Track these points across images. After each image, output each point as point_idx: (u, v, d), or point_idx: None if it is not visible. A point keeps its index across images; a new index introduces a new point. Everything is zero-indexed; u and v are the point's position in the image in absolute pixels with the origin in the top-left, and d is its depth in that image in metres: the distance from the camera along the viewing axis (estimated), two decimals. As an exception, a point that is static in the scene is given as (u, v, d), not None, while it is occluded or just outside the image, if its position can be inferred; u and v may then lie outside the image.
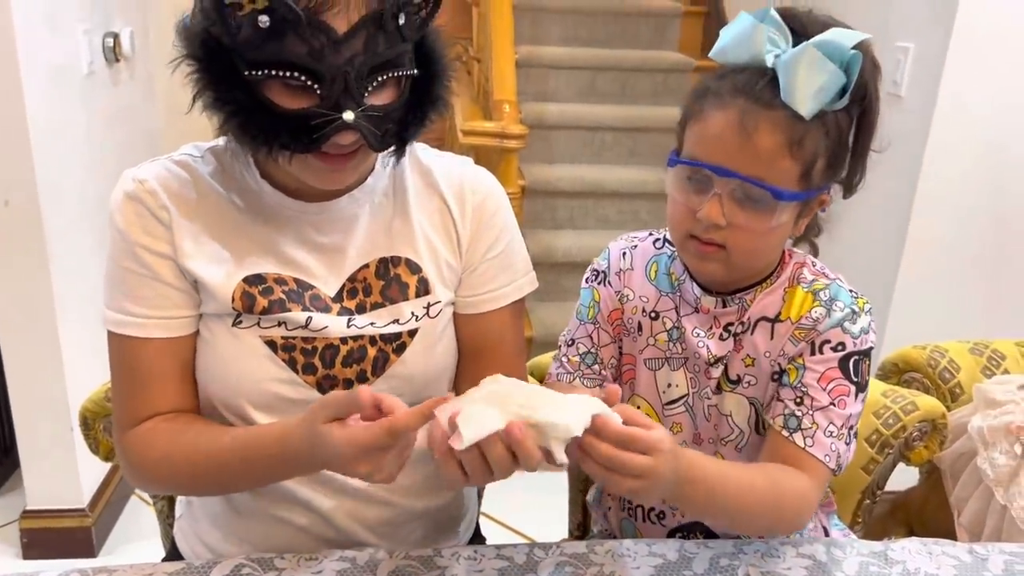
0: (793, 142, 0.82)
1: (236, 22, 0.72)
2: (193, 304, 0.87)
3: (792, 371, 0.91)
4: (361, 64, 0.74)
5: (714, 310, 0.94)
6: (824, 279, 0.93)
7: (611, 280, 1.02)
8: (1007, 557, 0.93)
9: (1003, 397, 1.24)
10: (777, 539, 0.93)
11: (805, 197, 0.86)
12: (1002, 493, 1.19)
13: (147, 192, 0.85)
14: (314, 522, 0.92)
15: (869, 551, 0.91)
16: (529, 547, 0.88)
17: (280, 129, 0.76)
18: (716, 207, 0.84)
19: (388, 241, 0.92)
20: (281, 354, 0.87)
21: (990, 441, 1.22)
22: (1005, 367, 1.39)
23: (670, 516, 1.02)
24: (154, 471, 0.89)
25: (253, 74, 0.74)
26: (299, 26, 0.71)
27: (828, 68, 0.80)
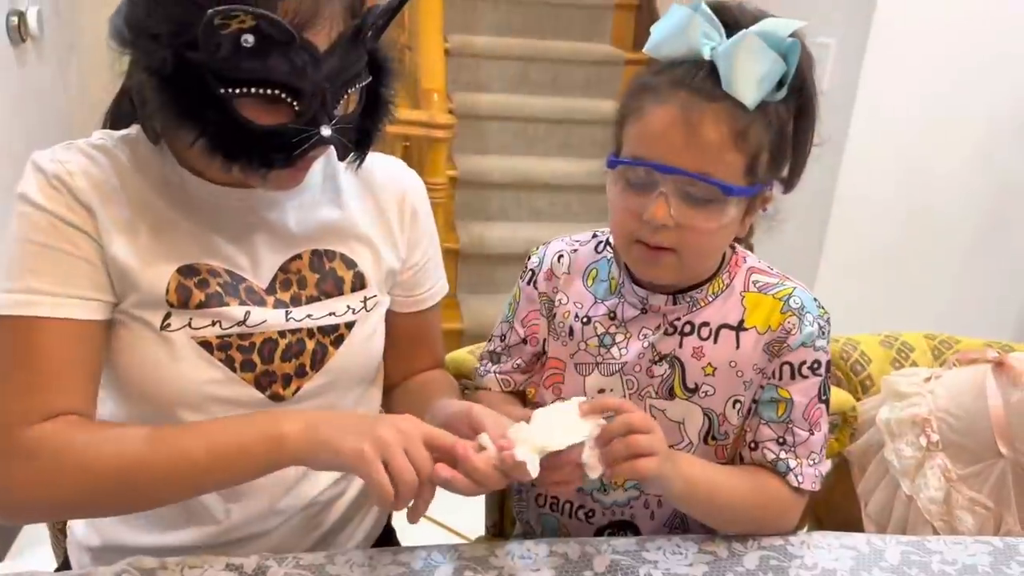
0: (738, 134, 0.80)
1: (217, 39, 0.67)
2: (106, 289, 0.80)
3: (780, 406, 0.91)
4: (336, 79, 0.74)
5: (663, 308, 0.92)
6: (787, 282, 0.93)
7: (537, 281, 1.01)
8: (904, 548, 0.94)
9: (909, 389, 1.26)
10: (680, 537, 0.92)
11: (752, 192, 0.84)
12: (908, 484, 1.21)
13: (68, 173, 0.79)
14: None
15: (769, 545, 0.91)
16: (427, 551, 0.86)
17: (256, 146, 0.74)
18: (663, 207, 0.82)
19: (321, 234, 0.90)
20: (217, 354, 0.83)
21: (897, 433, 1.24)
22: (914, 359, 1.41)
23: (599, 514, 1.00)
24: (70, 474, 0.75)
25: (229, 91, 0.71)
26: (284, 45, 0.69)
27: (769, 56, 0.79)
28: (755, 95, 0.79)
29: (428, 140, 2.49)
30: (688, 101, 0.80)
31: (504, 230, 3.03)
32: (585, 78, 3.37)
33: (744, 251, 0.96)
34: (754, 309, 0.91)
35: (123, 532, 0.91)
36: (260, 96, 0.71)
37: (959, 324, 1.60)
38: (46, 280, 0.77)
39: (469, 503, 1.52)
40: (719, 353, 0.91)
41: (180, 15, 0.69)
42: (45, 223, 0.78)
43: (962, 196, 2.18)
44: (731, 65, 0.79)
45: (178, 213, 0.83)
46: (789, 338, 0.89)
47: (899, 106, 2.06)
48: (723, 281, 0.92)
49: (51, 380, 0.77)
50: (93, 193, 0.79)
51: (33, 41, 2.15)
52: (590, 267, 0.99)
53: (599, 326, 0.96)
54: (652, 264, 0.87)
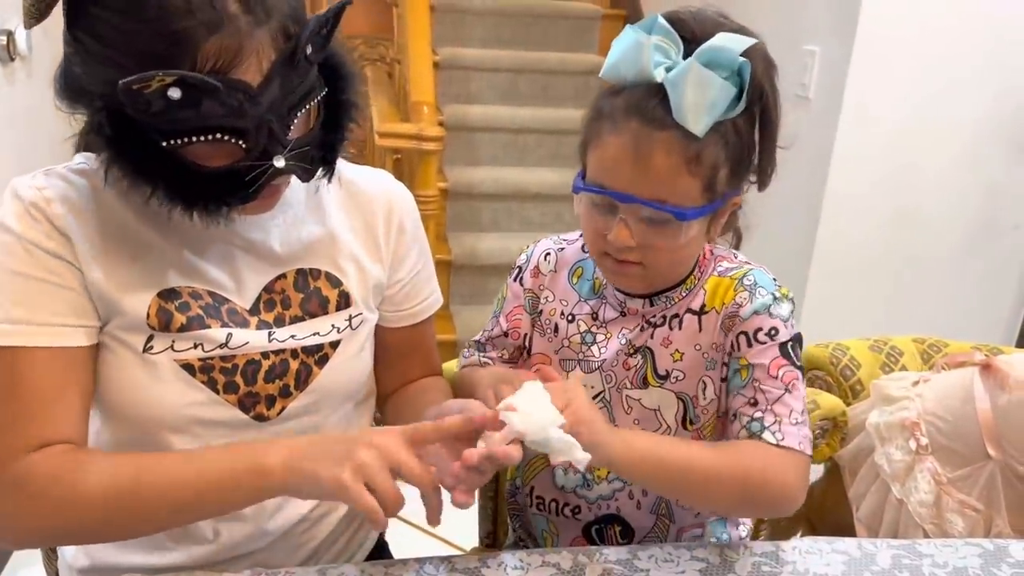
0: (690, 160, 0.81)
1: (143, 99, 0.67)
2: (90, 315, 0.80)
3: (742, 372, 0.90)
4: (280, 108, 0.72)
5: (642, 310, 0.95)
6: (745, 265, 0.94)
7: (524, 278, 1.04)
8: (895, 551, 0.94)
9: (899, 393, 1.27)
10: (672, 544, 0.93)
11: (712, 209, 0.86)
12: (899, 488, 1.22)
13: (46, 200, 0.78)
14: None
15: (761, 552, 0.92)
16: (419, 563, 0.86)
17: (212, 189, 0.74)
18: (624, 231, 0.85)
19: (305, 253, 0.90)
20: (200, 376, 0.83)
21: (887, 437, 1.25)
22: (903, 363, 1.42)
23: (585, 510, 1.01)
24: (64, 503, 0.75)
25: (172, 143, 0.70)
26: (212, 92, 0.68)
27: (715, 84, 0.79)
28: (703, 124, 0.80)
29: (418, 152, 2.49)
30: (639, 131, 0.82)
31: (496, 241, 3.03)
32: (574, 88, 3.39)
33: (718, 247, 0.98)
34: (713, 292, 0.93)
35: (113, 553, 0.91)
36: (204, 142, 0.70)
37: (948, 327, 1.61)
38: (28, 309, 0.77)
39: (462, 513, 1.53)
40: (684, 338, 0.93)
41: (108, 75, 0.67)
42: (23, 252, 0.77)
43: (949, 200, 2.20)
44: (679, 95, 0.80)
45: (159, 235, 0.83)
46: (740, 310, 0.90)
47: (885, 111, 2.08)
48: (695, 278, 0.95)
49: (39, 410, 0.77)
50: (71, 219, 0.78)
51: (22, 60, 2.15)
52: (576, 265, 1.01)
53: (582, 324, 0.98)
54: (621, 276, 0.91)
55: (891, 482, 1.23)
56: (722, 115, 0.81)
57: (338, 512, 0.99)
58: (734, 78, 0.81)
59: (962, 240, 2.25)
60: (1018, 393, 1.12)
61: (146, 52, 0.67)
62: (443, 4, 3.38)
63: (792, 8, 2.22)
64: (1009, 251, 2.29)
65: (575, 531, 1.03)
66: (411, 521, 2.11)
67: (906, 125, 2.10)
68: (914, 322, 2.11)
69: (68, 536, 0.81)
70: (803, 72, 2.17)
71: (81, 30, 0.70)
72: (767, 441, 0.86)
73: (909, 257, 2.21)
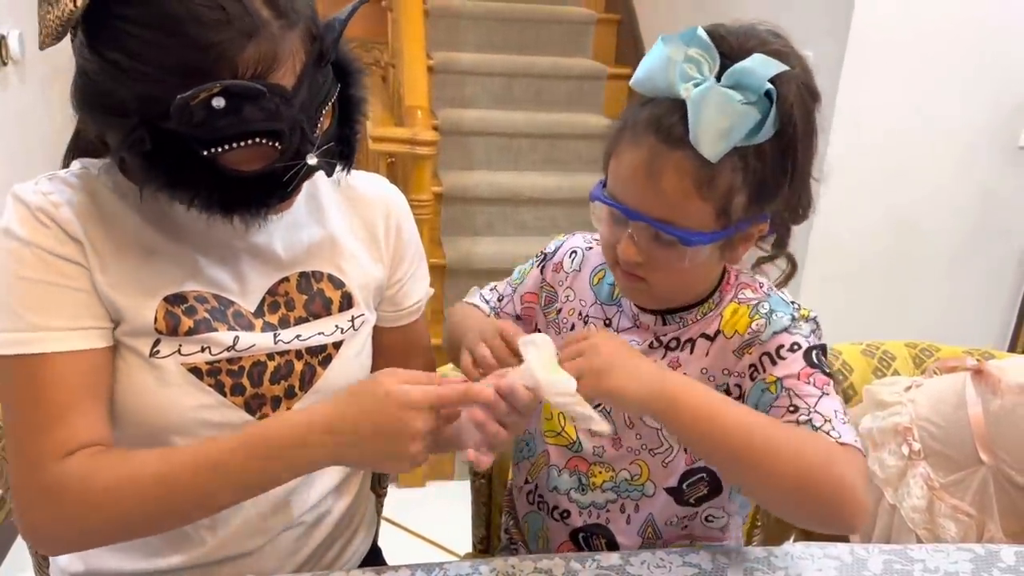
0: (702, 183, 0.79)
1: (188, 112, 0.67)
2: (104, 317, 0.80)
3: (771, 388, 0.84)
4: (310, 108, 0.74)
5: (653, 327, 0.94)
6: (764, 297, 0.90)
7: (546, 268, 1.04)
8: (887, 557, 0.95)
9: (891, 398, 1.27)
10: (664, 551, 0.93)
11: (724, 236, 0.83)
12: (891, 493, 1.22)
13: (53, 205, 0.77)
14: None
15: (754, 557, 0.92)
16: (411, 570, 0.86)
17: (252, 192, 0.75)
18: (631, 247, 0.84)
19: (307, 256, 0.91)
20: (207, 379, 0.83)
21: (879, 442, 1.25)
22: (895, 368, 1.42)
23: (575, 515, 1.01)
24: (101, 505, 0.75)
25: (212, 151, 0.71)
26: (255, 98, 0.69)
27: (736, 110, 0.76)
28: (718, 149, 0.77)
29: (412, 157, 2.49)
30: (655, 148, 0.80)
31: (490, 245, 3.03)
32: (568, 93, 3.39)
33: (738, 270, 0.95)
34: (729, 319, 0.91)
35: (107, 558, 0.91)
36: (243, 147, 0.71)
37: (942, 333, 1.61)
38: (44, 314, 0.76)
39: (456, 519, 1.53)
40: (693, 362, 0.92)
41: (144, 90, 0.68)
42: (33, 257, 0.77)
43: (942, 204, 2.21)
44: (697, 117, 0.77)
45: (164, 240, 0.83)
46: (759, 336, 0.87)
47: (878, 116, 2.08)
48: (713, 302, 0.92)
49: (65, 414, 0.76)
50: (79, 225, 0.78)
51: (15, 64, 2.15)
52: (599, 268, 1.01)
53: (594, 327, 0.98)
54: (629, 289, 0.91)
55: (884, 487, 1.23)
56: (742, 141, 0.77)
57: (334, 515, 0.99)
58: (762, 103, 0.77)
59: (955, 244, 2.26)
60: (1010, 398, 1.12)
61: (186, 65, 0.67)
62: (437, 8, 3.39)
63: (785, 12, 2.22)
64: (1002, 255, 2.29)
65: (563, 535, 1.03)
66: (405, 527, 2.11)
67: (899, 129, 2.11)
68: (907, 327, 2.12)
69: (105, 538, 0.80)
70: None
71: (107, 47, 0.69)
72: (827, 438, 0.79)
73: (902, 261, 2.22)
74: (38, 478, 0.76)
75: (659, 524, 0.99)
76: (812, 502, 0.77)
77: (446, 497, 0.78)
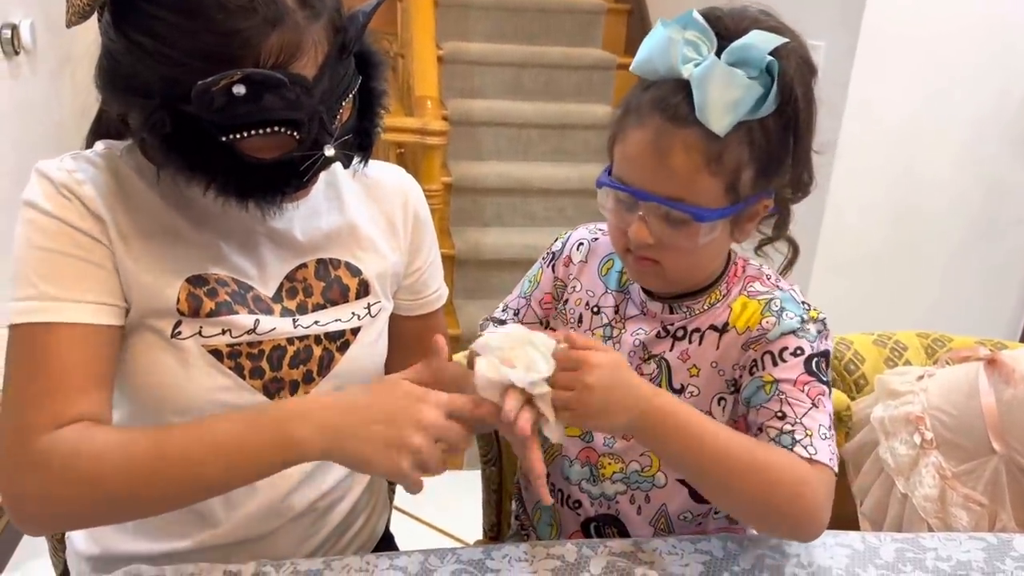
0: (710, 159, 0.80)
1: (209, 97, 0.68)
2: (119, 296, 0.80)
3: (766, 387, 0.86)
4: (330, 99, 0.74)
5: (660, 315, 0.94)
6: (776, 291, 0.91)
7: (556, 265, 1.04)
8: (899, 545, 0.95)
9: (903, 388, 1.27)
10: (676, 537, 0.93)
11: (732, 211, 0.84)
12: (903, 482, 1.22)
13: (77, 182, 0.78)
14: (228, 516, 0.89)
15: (766, 545, 0.92)
16: (424, 555, 0.87)
17: (267, 180, 0.75)
18: (643, 228, 0.84)
19: (325, 242, 0.91)
20: (227, 362, 0.84)
21: (891, 431, 1.25)
22: (907, 358, 1.42)
23: (587, 505, 1.02)
24: (87, 476, 0.73)
25: (230, 137, 0.71)
26: (276, 87, 0.69)
27: (741, 82, 0.77)
28: (725, 122, 0.78)
29: (422, 147, 2.49)
30: (661, 127, 0.80)
31: (499, 236, 3.03)
32: (577, 83, 3.38)
33: (745, 259, 0.96)
34: (740, 312, 0.91)
35: (121, 541, 0.91)
36: (261, 135, 0.72)
37: (949, 323, 1.60)
38: (59, 285, 0.76)
39: (467, 507, 1.53)
40: (702, 354, 0.92)
41: (167, 72, 0.69)
42: (55, 229, 0.77)
43: (952, 196, 2.19)
44: (702, 93, 0.78)
45: (185, 223, 0.84)
46: (767, 334, 0.88)
47: (889, 107, 2.07)
48: (720, 291, 0.93)
49: (66, 386, 0.76)
50: (103, 203, 0.79)
51: (26, 54, 2.15)
52: (607, 258, 1.01)
53: (605, 316, 0.98)
54: (642, 274, 0.91)
55: (895, 476, 1.22)
56: (747, 115, 0.79)
57: (348, 500, 0.99)
58: (763, 77, 0.78)
59: (965, 236, 2.25)
60: (1023, 388, 1.11)
61: (210, 51, 0.68)
62: (447, -2, 3.38)
63: (797, 3, 2.21)
64: (1012, 247, 2.28)
65: (574, 525, 1.04)
66: (416, 516, 2.12)
67: (910, 121, 2.10)
68: (916, 317, 2.11)
69: (92, 514, 0.78)
70: (808, 67, 2.17)
71: (133, 28, 0.70)
72: (799, 455, 0.82)
73: (912, 252, 2.21)
74: (28, 448, 0.74)
75: (672, 517, 0.99)
76: (774, 517, 0.83)
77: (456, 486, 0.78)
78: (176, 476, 0.74)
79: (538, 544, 0.90)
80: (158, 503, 0.78)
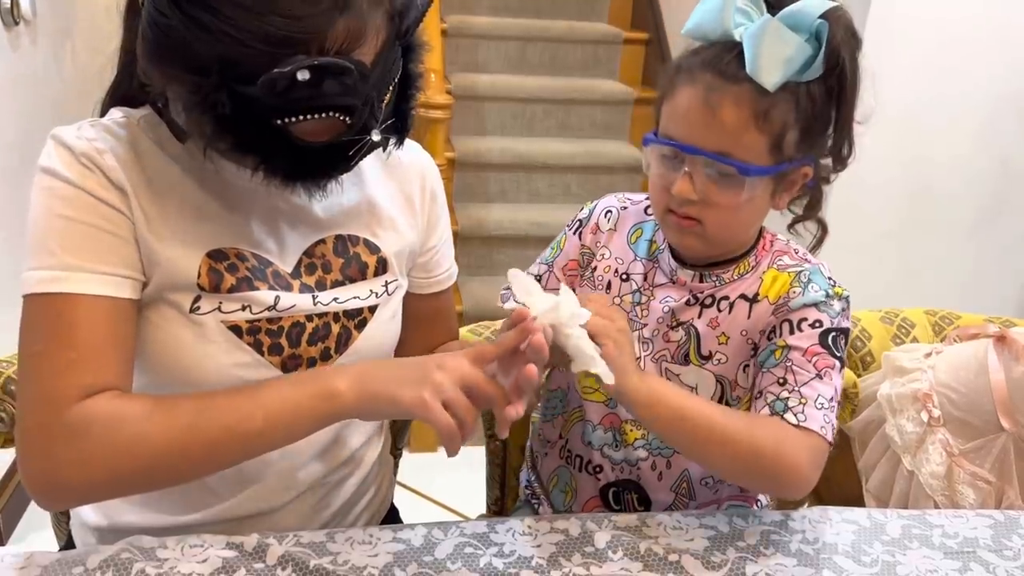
0: (759, 114, 0.82)
1: (271, 79, 0.66)
2: (138, 268, 0.79)
3: (777, 352, 0.90)
4: (382, 85, 0.74)
5: (689, 283, 0.96)
6: (805, 264, 0.94)
7: (583, 233, 1.05)
8: (905, 522, 0.94)
9: (910, 365, 1.26)
10: (680, 512, 0.92)
11: (776, 171, 0.86)
12: (909, 459, 1.21)
13: (98, 151, 0.76)
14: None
15: (771, 521, 0.91)
16: (427, 528, 0.86)
17: (315, 163, 0.75)
18: (687, 184, 0.86)
19: (344, 219, 0.90)
20: (247, 338, 0.83)
21: (898, 408, 1.24)
22: (914, 335, 1.41)
23: (608, 470, 1.02)
24: (135, 441, 0.73)
25: (285, 120, 0.70)
26: (339, 74, 0.68)
27: (793, 40, 0.80)
28: (775, 78, 0.81)
29: (425, 121, 2.47)
30: (712, 83, 0.83)
31: (503, 212, 3.01)
32: (583, 58, 3.34)
33: (774, 234, 0.98)
34: (771, 284, 0.93)
35: (128, 513, 0.91)
36: (316, 119, 0.70)
37: (959, 301, 1.59)
38: (80, 255, 0.75)
39: (468, 484, 1.53)
40: (732, 323, 0.94)
41: (227, 52, 0.66)
42: (75, 197, 0.75)
43: (962, 175, 2.17)
44: (754, 49, 0.81)
45: (206, 195, 0.82)
46: (790, 301, 0.91)
47: (899, 86, 2.04)
48: (750, 263, 0.95)
49: (91, 356, 0.75)
50: (123, 173, 0.77)
51: (26, 24, 2.12)
52: (636, 226, 1.02)
53: (635, 283, 1.00)
54: (683, 233, 0.91)
55: (902, 454, 1.22)
56: (796, 74, 0.82)
57: (356, 476, 0.99)
58: (812, 41, 0.81)
59: (975, 215, 2.23)
60: (1033, 365, 1.10)
61: (276, 34, 0.66)
62: (451, -29, 3.34)
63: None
64: (1021, 226, 2.26)
65: (592, 490, 1.04)
66: (418, 490, 2.12)
67: (920, 100, 2.07)
68: (925, 296, 2.09)
69: (130, 480, 0.76)
70: (817, 41, 2.14)
71: (193, 4, 0.67)
72: (788, 421, 0.86)
73: (921, 231, 2.19)
74: (62, 417, 0.72)
75: (695, 481, 1.00)
76: (761, 482, 0.92)
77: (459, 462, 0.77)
78: (218, 435, 0.74)
79: (542, 518, 0.89)
80: (200, 465, 0.77)
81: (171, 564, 0.78)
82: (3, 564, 0.77)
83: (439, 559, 0.82)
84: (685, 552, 0.85)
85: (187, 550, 0.80)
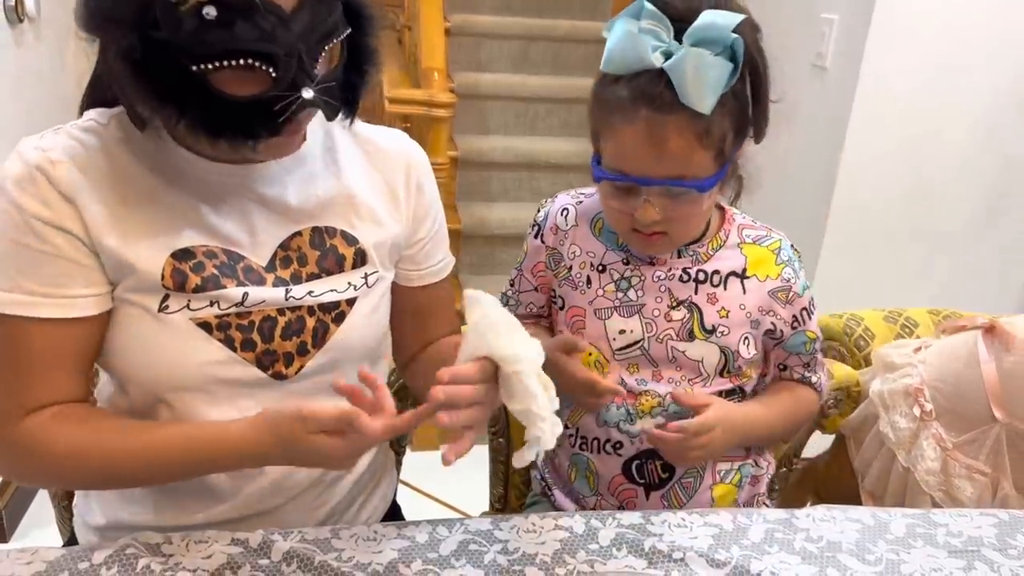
0: (701, 135, 0.87)
1: (178, 16, 0.66)
2: (100, 282, 0.80)
3: (808, 344, 1.07)
4: (310, 38, 0.72)
5: (670, 260, 1.01)
6: (772, 234, 1.05)
7: (544, 235, 1.08)
8: (909, 520, 0.94)
9: (901, 360, 1.25)
10: (685, 510, 0.93)
11: (724, 173, 0.93)
12: (904, 455, 1.21)
13: (51, 163, 0.77)
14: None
15: (775, 519, 0.91)
16: (432, 525, 0.86)
17: (239, 119, 0.72)
18: (651, 210, 0.91)
19: (320, 211, 0.89)
20: (217, 334, 0.82)
21: (890, 404, 1.23)
22: (918, 335, 1.41)
23: (627, 445, 1.04)
24: (58, 466, 0.81)
25: (202, 67, 0.69)
26: (247, 11, 0.67)
27: (715, 63, 0.84)
28: (709, 102, 0.85)
29: (429, 119, 2.47)
30: (651, 118, 0.87)
31: (505, 210, 3.02)
32: (585, 57, 3.34)
33: (730, 208, 1.06)
34: (755, 260, 1.02)
35: (130, 513, 0.91)
36: (234, 67, 0.69)
37: (961, 299, 1.59)
38: (29, 279, 0.76)
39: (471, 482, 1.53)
40: (729, 298, 1.02)
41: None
42: (20, 221, 0.76)
43: (965, 171, 2.17)
44: (682, 80, 0.85)
45: (173, 191, 0.82)
46: (792, 287, 1.03)
47: (902, 82, 2.04)
48: (720, 238, 1.03)
49: (36, 377, 0.78)
50: (78, 181, 0.77)
51: (30, 22, 2.13)
52: (596, 218, 1.06)
53: (615, 272, 1.03)
54: (649, 246, 0.99)
55: (897, 450, 1.21)
56: (724, 89, 0.86)
57: (355, 473, 0.99)
58: (727, 52, 0.86)
59: (978, 211, 2.22)
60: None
61: None
62: (455, -30, 3.34)
63: (811, -26, 2.18)
64: None
65: (615, 468, 1.05)
66: (420, 489, 2.12)
67: (923, 96, 2.06)
68: (928, 293, 2.09)
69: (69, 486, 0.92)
70: (820, 41, 2.13)
71: None
72: (812, 386, 1.11)
73: (924, 228, 2.19)
74: (3, 433, 0.79)
75: None
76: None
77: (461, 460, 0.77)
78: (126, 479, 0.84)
79: (547, 515, 0.89)
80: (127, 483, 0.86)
81: (176, 560, 0.78)
82: (9, 559, 0.78)
83: (443, 556, 0.82)
84: (689, 549, 0.85)
85: (192, 546, 0.80)
